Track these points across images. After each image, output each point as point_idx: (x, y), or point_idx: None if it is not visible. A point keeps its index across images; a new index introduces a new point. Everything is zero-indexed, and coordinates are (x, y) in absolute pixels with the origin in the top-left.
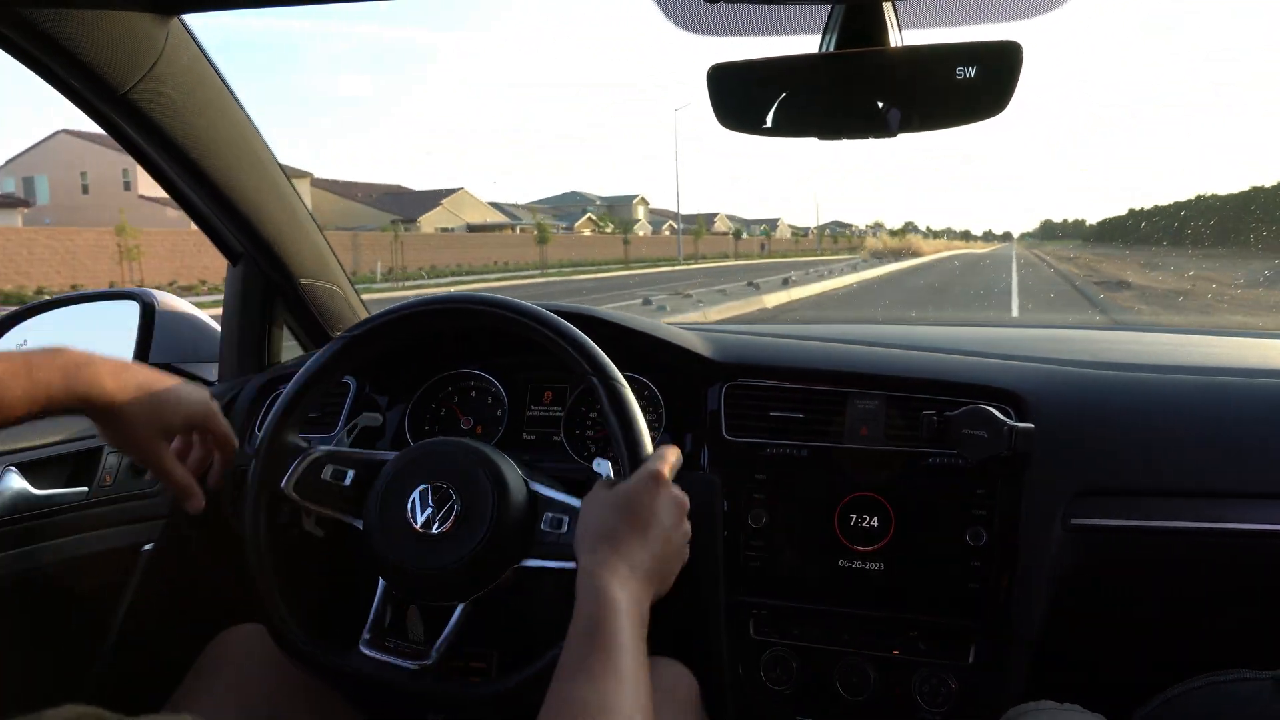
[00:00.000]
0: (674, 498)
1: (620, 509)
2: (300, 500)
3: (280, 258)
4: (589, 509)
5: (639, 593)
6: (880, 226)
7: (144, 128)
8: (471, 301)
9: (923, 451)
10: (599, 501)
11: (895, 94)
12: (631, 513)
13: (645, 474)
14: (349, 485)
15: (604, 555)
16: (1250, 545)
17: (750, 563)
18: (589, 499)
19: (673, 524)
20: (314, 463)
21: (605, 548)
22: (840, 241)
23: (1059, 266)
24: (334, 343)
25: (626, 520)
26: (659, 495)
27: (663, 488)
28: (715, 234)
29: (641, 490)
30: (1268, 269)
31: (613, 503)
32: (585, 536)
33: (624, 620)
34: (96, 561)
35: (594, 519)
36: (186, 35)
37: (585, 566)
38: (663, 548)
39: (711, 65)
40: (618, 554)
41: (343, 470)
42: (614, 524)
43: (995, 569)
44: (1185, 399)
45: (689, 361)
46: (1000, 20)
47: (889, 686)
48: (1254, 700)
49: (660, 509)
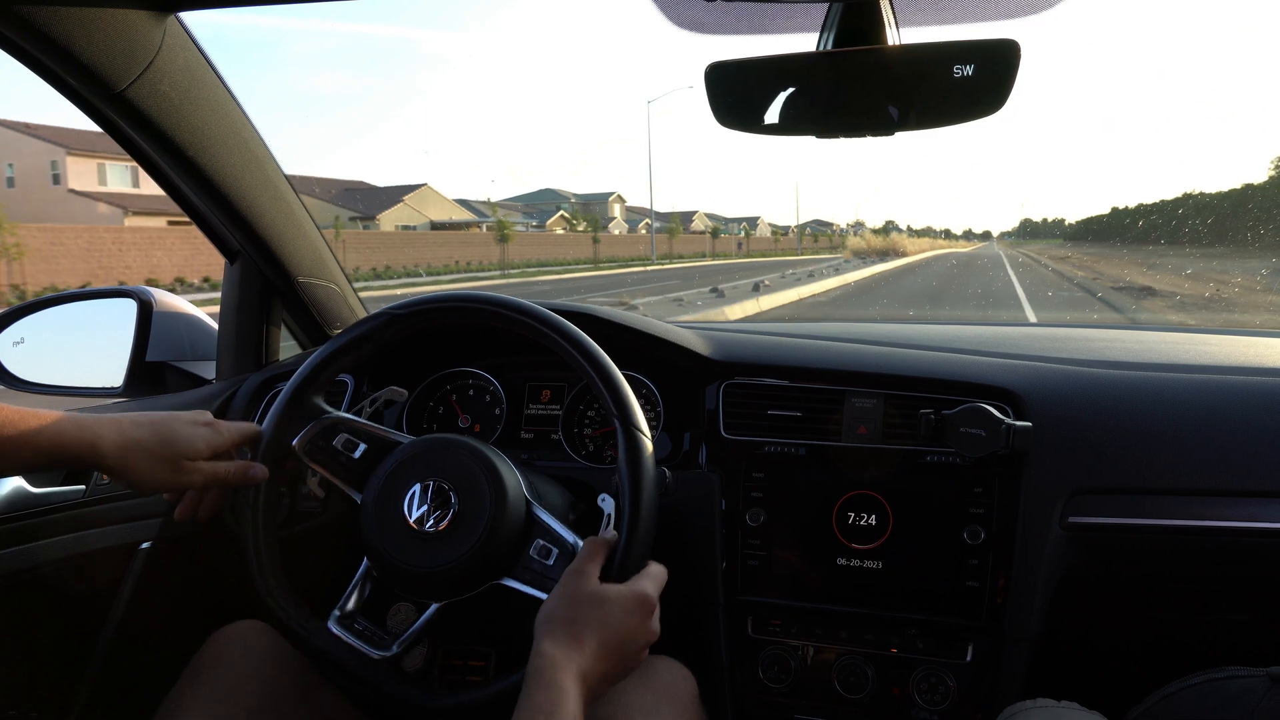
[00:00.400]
0: (651, 628)
1: (597, 614)
2: (307, 461)
3: (277, 256)
4: (569, 590)
5: (588, 694)
6: (861, 225)
7: (141, 125)
8: (522, 312)
9: (920, 450)
10: (581, 590)
11: (893, 92)
12: (606, 623)
13: (637, 592)
14: (358, 458)
15: (568, 649)
16: (1247, 543)
17: (748, 561)
18: (572, 576)
19: (637, 648)
20: (328, 428)
21: (570, 642)
22: (821, 240)
23: (1056, 267)
24: (379, 315)
25: (598, 626)
26: (639, 618)
27: (645, 613)
28: (693, 233)
29: (626, 607)
30: (1264, 268)
31: (594, 599)
32: (554, 620)
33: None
34: (94, 559)
35: (569, 606)
36: (184, 33)
37: (546, 652)
38: (618, 662)
39: (710, 63)
40: (580, 651)
41: (355, 442)
42: (587, 620)
43: (993, 567)
44: (1182, 397)
45: (687, 360)
46: (997, 19)
47: (887, 685)
48: (1248, 696)
49: (635, 630)
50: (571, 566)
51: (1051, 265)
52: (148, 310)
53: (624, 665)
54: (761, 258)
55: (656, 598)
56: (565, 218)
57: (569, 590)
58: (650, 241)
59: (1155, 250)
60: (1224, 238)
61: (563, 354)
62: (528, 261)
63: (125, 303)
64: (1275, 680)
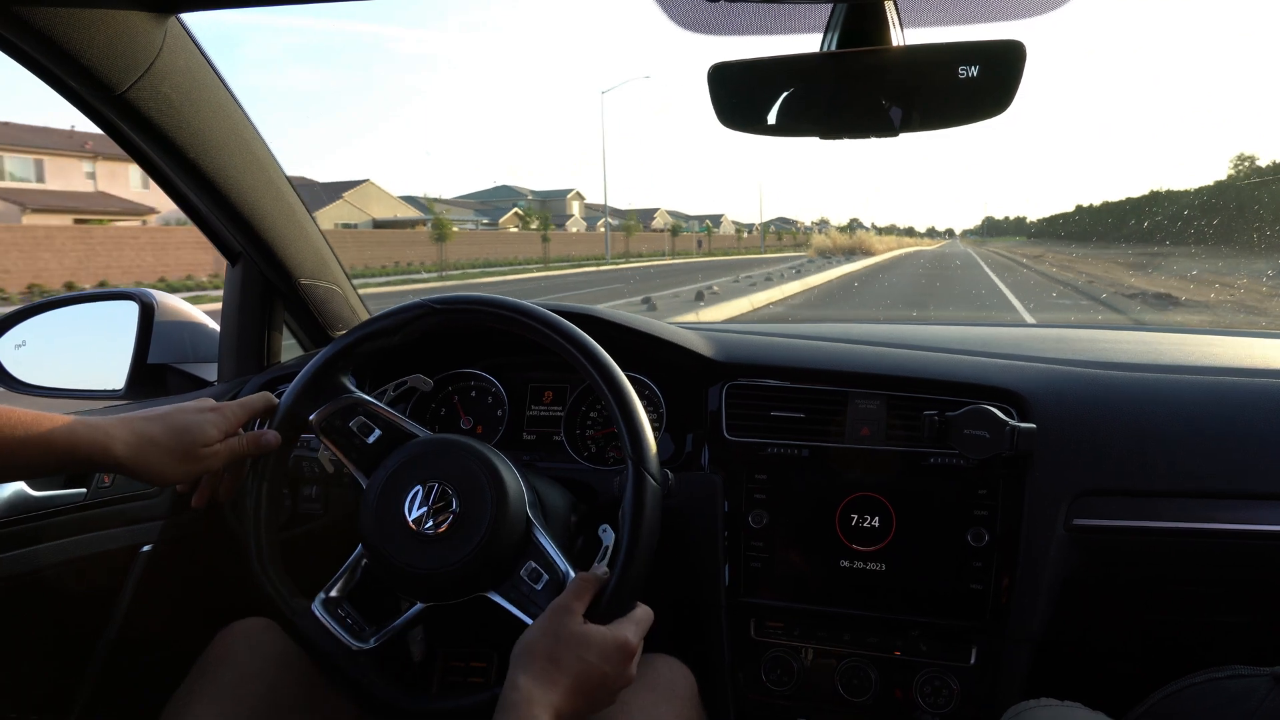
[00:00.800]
0: (627, 674)
1: (576, 652)
2: (320, 436)
3: (279, 257)
4: (552, 625)
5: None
6: (826, 223)
7: (142, 127)
8: (549, 325)
9: (924, 451)
10: (565, 628)
11: (897, 93)
12: (584, 664)
13: (617, 639)
14: (371, 443)
15: (542, 687)
16: (1251, 546)
17: (751, 563)
18: (557, 613)
19: (608, 693)
20: (348, 408)
21: (545, 681)
22: (785, 238)
23: (1037, 267)
24: (417, 305)
25: (575, 667)
26: (618, 666)
27: (625, 663)
28: (654, 230)
29: (606, 655)
30: (1269, 269)
31: (576, 641)
32: (533, 653)
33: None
34: (95, 563)
35: (549, 642)
36: (185, 34)
37: (522, 685)
38: (586, 704)
39: (712, 64)
40: (555, 687)
41: (370, 426)
42: (566, 661)
43: (997, 569)
44: (1187, 399)
45: (690, 361)
46: (1001, 20)
47: (890, 687)
48: (1251, 695)
49: (611, 677)
50: (558, 601)
51: (1031, 265)
52: (149, 313)
53: (595, 707)
54: (722, 256)
55: (639, 644)
56: (520, 215)
57: (553, 626)
58: (605, 240)
59: (1133, 249)
60: (1197, 237)
61: (589, 379)
62: (473, 261)
63: (127, 305)
64: (1278, 680)
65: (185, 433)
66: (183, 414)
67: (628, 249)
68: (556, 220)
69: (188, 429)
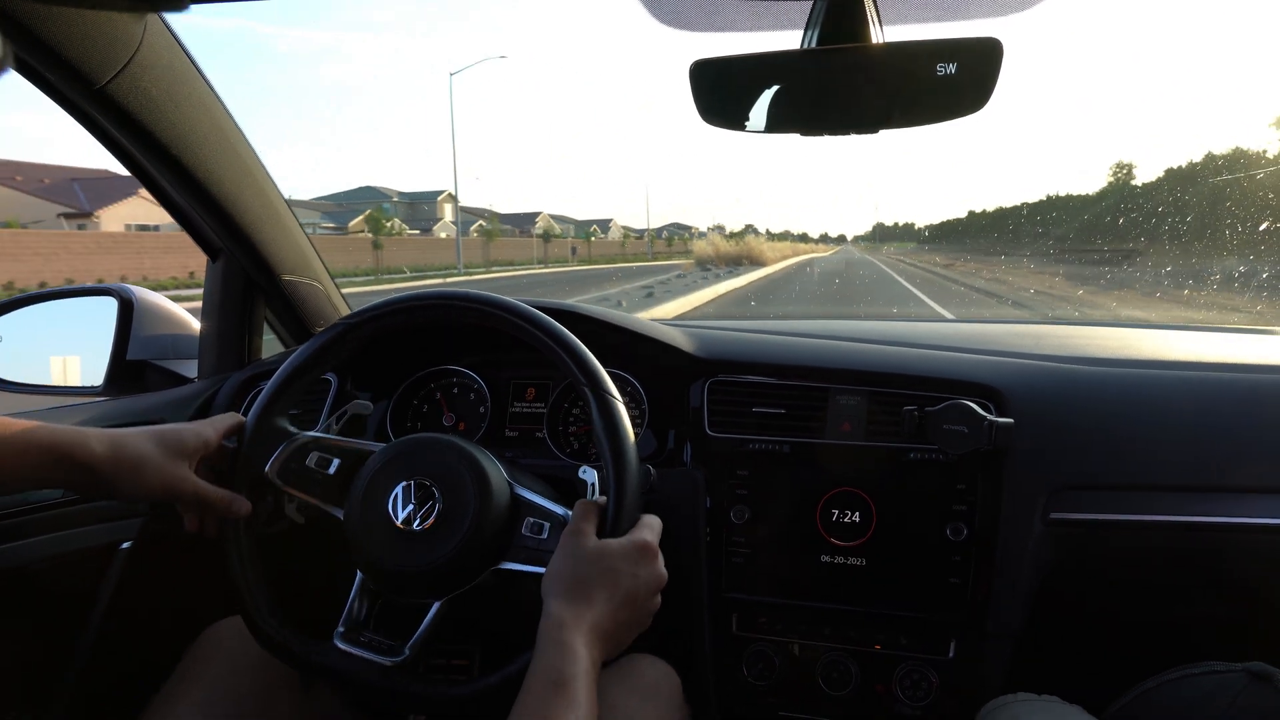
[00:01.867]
0: (656, 572)
1: (601, 564)
2: (283, 486)
3: (261, 254)
4: (569, 550)
5: (598, 652)
6: (722, 228)
7: (121, 122)
8: (469, 300)
9: (903, 447)
10: (581, 549)
11: (877, 90)
12: (610, 573)
13: (637, 541)
14: (333, 474)
15: (576, 607)
16: (1226, 538)
17: (733, 558)
18: (570, 537)
19: (646, 595)
20: (299, 448)
21: (578, 600)
22: (676, 244)
23: (967, 281)
24: (333, 328)
25: (604, 578)
26: (642, 565)
27: (648, 560)
28: (532, 235)
29: (627, 556)
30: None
31: (595, 555)
32: (559, 581)
33: (582, 685)
34: (74, 560)
35: (572, 565)
36: (165, 29)
37: (554, 613)
38: (629, 614)
39: (694, 61)
40: (589, 608)
41: (328, 458)
42: (591, 577)
43: (975, 564)
44: (1163, 394)
45: (672, 357)
46: (978, 17)
47: (870, 681)
48: (1226, 691)
49: (640, 579)
50: (568, 528)
51: (944, 273)
52: (129, 308)
53: (636, 615)
54: (599, 264)
55: (657, 544)
56: (374, 218)
57: (569, 550)
58: (457, 247)
59: (1044, 254)
60: (1093, 241)
61: (525, 337)
62: None
63: (106, 300)
64: (1253, 676)
65: (163, 436)
66: (161, 427)
67: (488, 256)
68: (424, 224)
69: (165, 432)
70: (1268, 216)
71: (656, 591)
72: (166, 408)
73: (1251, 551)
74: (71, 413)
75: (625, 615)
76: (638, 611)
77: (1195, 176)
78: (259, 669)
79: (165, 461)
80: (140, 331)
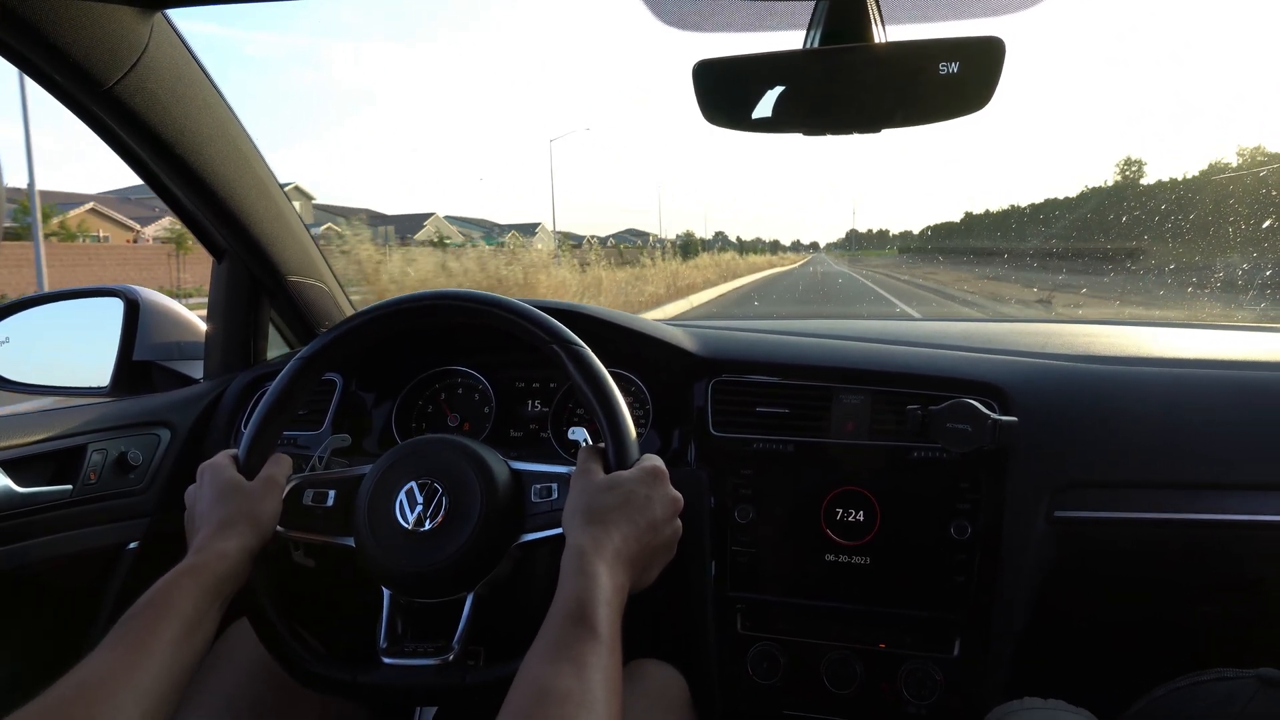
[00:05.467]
0: (669, 494)
1: (615, 492)
2: (286, 532)
3: (266, 255)
4: (580, 486)
5: (622, 578)
6: (691, 235)
7: (128, 123)
8: (424, 299)
9: (907, 446)
10: (592, 482)
11: (880, 90)
12: (626, 498)
13: (645, 466)
14: (332, 505)
15: (594, 534)
16: (1231, 536)
17: (737, 558)
18: (580, 476)
19: (664, 517)
20: (293, 491)
21: (595, 527)
22: (628, 253)
23: (970, 297)
24: (295, 360)
25: (620, 504)
26: (655, 487)
27: (660, 481)
28: (417, 243)
29: (640, 480)
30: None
31: (608, 485)
32: (575, 514)
33: (606, 609)
34: (80, 560)
35: (586, 497)
36: (171, 30)
37: (574, 544)
38: (651, 538)
39: (697, 61)
40: (607, 535)
41: (323, 492)
42: (608, 505)
43: (980, 562)
44: (1167, 391)
45: (676, 357)
46: (980, 16)
47: (875, 680)
48: (1236, 699)
49: (655, 500)
50: (575, 471)
51: (953, 291)
52: (135, 309)
53: (658, 540)
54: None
55: (665, 469)
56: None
57: (580, 486)
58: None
59: (1053, 264)
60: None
61: (485, 320)
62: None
63: (112, 301)
64: (1263, 682)
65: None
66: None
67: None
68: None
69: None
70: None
71: (674, 514)
72: (172, 408)
73: (1258, 549)
74: (78, 413)
75: (647, 539)
76: (658, 536)
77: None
78: (274, 673)
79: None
80: (146, 332)
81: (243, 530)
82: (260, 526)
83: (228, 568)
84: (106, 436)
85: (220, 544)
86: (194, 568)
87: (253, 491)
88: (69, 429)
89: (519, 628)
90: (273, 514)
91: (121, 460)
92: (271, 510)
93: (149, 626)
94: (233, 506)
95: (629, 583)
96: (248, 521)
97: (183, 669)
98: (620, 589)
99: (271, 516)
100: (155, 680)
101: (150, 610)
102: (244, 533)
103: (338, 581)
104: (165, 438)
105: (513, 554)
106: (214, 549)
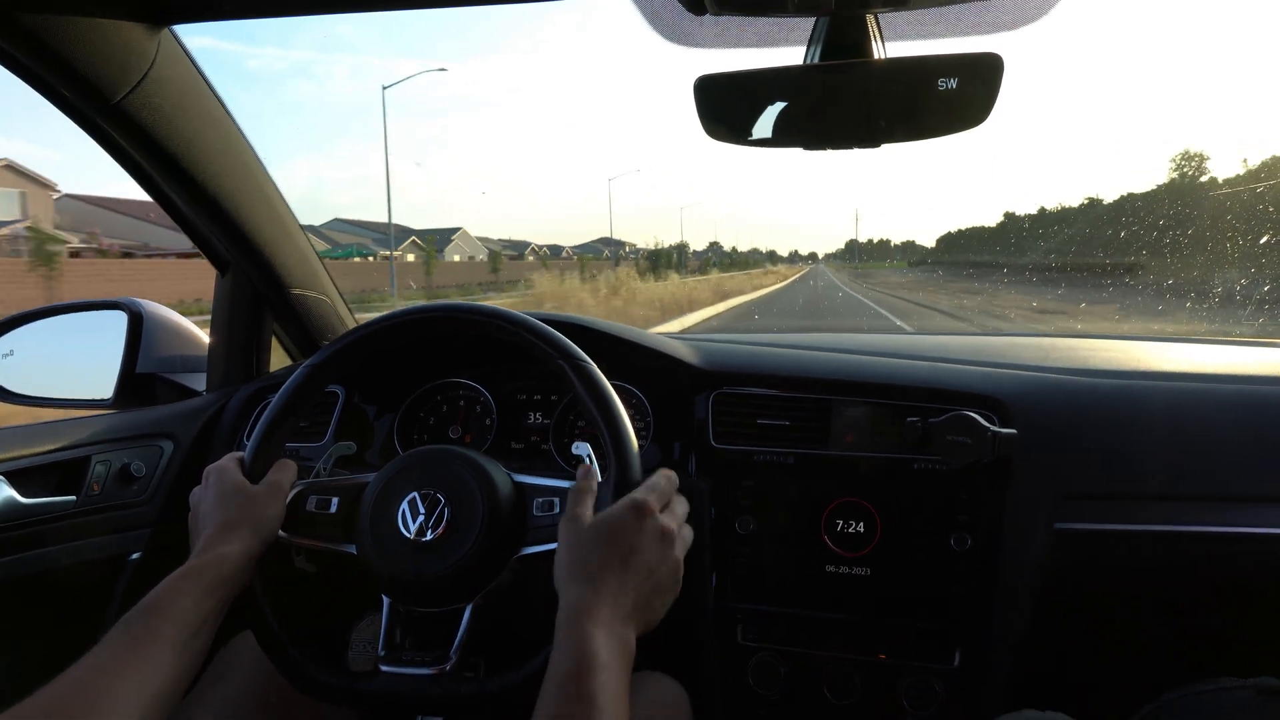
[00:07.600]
0: (658, 528)
1: (600, 542)
2: (290, 538)
3: (270, 267)
4: (568, 541)
5: (621, 633)
6: (685, 246)
7: (135, 137)
8: (432, 310)
9: (907, 458)
10: (580, 533)
11: (879, 105)
12: (611, 546)
13: (626, 505)
14: (335, 512)
15: (584, 596)
16: (1230, 548)
17: (738, 569)
18: (568, 526)
19: (657, 558)
20: (296, 498)
21: (585, 587)
22: (592, 267)
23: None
24: (302, 369)
25: (606, 555)
26: (641, 527)
27: (645, 519)
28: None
29: (622, 522)
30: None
31: (591, 536)
32: (565, 571)
33: (604, 676)
34: (84, 570)
35: (572, 553)
36: (177, 46)
37: (566, 605)
38: (646, 582)
39: (698, 77)
40: (598, 594)
41: (327, 499)
42: (593, 559)
43: (980, 574)
44: (1166, 405)
45: (676, 370)
46: (979, 34)
47: (875, 691)
48: (1237, 710)
49: (643, 542)
50: (564, 517)
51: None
52: (138, 321)
53: (656, 581)
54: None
55: (654, 501)
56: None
57: (567, 538)
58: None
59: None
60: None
61: (494, 333)
62: None
63: (115, 314)
64: (1263, 692)
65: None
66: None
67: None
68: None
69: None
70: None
71: (667, 551)
72: (175, 420)
73: (1257, 561)
74: (81, 425)
75: (641, 583)
76: (653, 578)
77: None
78: (278, 681)
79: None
80: (149, 345)
81: (245, 533)
82: (263, 530)
83: (229, 570)
84: (110, 448)
85: (222, 546)
86: (195, 569)
87: (257, 495)
88: (73, 440)
89: (519, 639)
90: (276, 518)
91: (125, 472)
92: (275, 514)
93: (149, 626)
94: (236, 509)
95: (632, 633)
96: (250, 525)
97: (182, 669)
98: (622, 645)
99: (274, 521)
100: (154, 679)
101: (150, 610)
102: (246, 536)
103: (337, 588)
104: (168, 449)
105: (513, 566)
106: (216, 551)
